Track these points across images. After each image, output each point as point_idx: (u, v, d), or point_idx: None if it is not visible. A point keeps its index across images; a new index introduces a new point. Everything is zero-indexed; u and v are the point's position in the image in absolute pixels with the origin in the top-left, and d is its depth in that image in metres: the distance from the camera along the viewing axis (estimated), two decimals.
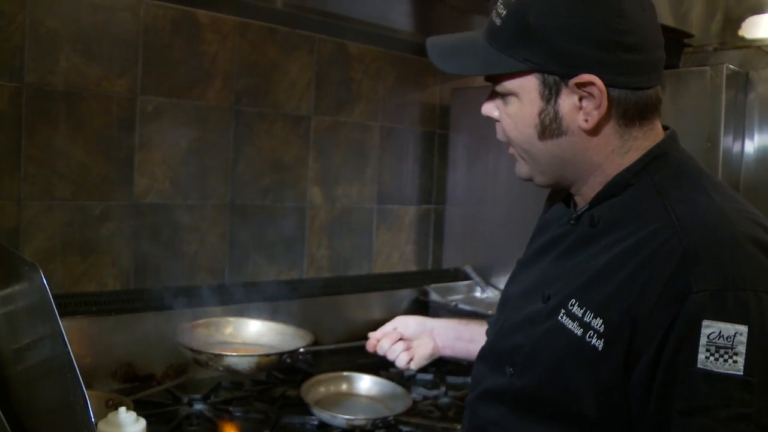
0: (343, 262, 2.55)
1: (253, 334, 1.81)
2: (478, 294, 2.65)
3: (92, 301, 1.88)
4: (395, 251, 2.72)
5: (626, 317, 0.87)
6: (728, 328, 0.80)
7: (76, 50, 1.86)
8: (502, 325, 1.15)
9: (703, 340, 0.81)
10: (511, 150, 1.06)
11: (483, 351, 1.18)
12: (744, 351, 0.80)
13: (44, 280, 0.88)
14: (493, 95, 1.04)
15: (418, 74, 2.71)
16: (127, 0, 1.94)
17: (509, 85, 0.98)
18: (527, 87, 0.97)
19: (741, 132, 2.00)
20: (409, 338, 1.44)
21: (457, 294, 2.61)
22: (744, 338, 0.80)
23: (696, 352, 0.81)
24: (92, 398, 1.56)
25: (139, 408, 1.61)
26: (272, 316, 2.13)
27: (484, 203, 2.66)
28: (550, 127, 0.97)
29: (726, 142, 1.94)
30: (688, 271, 0.83)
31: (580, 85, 0.93)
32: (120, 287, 1.99)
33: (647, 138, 0.99)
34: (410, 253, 2.78)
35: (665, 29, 2.10)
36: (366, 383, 1.83)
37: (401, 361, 1.42)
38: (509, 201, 2.52)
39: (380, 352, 1.44)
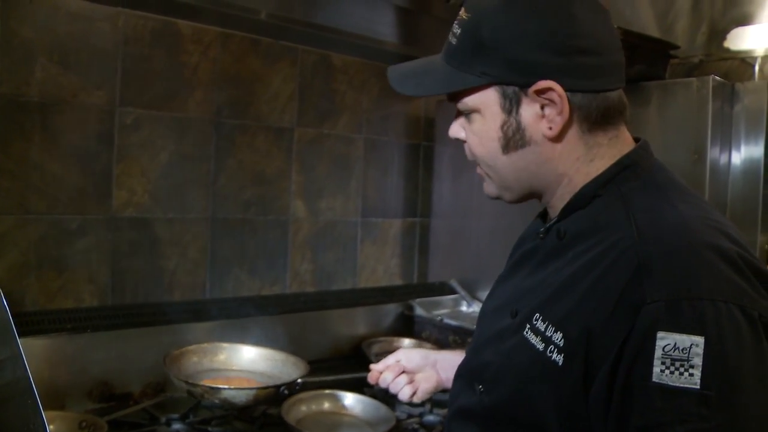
0: (327, 276, 2.51)
1: (246, 361, 1.76)
2: (464, 308, 2.61)
3: (68, 317, 1.83)
4: (380, 265, 2.68)
5: (583, 331, 0.85)
6: (684, 339, 0.77)
7: (53, 60, 1.82)
8: (475, 342, 1.13)
9: (658, 353, 0.78)
10: (479, 169, 1.06)
11: (459, 369, 1.16)
12: (700, 363, 0.76)
13: (4, 299, 0.84)
14: (459, 116, 1.04)
15: None
16: (106, 9, 1.90)
17: (470, 101, 0.99)
18: (487, 101, 0.97)
19: (728, 144, 1.98)
20: (412, 371, 1.40)
21: (442, 308, 2.58)
22: (700, 350, 0.76)
23: (651, 366, 0.78)
24: (65, 419, 1.53)
25: (115, 429, 1.57)
26: (255, 331, 2.09)
27: (470, 216, 2.63)
28: (513, 139, 0.97)
29: (713, 153, 1.93)
30: (643, 281, 0.81)
31: (540, 92, 0.93)
32: (97, 303, 1.94)
33: (613, 145, 0.97)
34: (395, 267, 2.74)
35: (651, 40, 2.09)
36: (349, 401, 1.79)
37: (404, 395, 1.37)
38: (495, 214, 2.50)
39: (383, 384, 1.40)
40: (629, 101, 1.00)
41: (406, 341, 2.40)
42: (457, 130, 1.05)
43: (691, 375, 0.76)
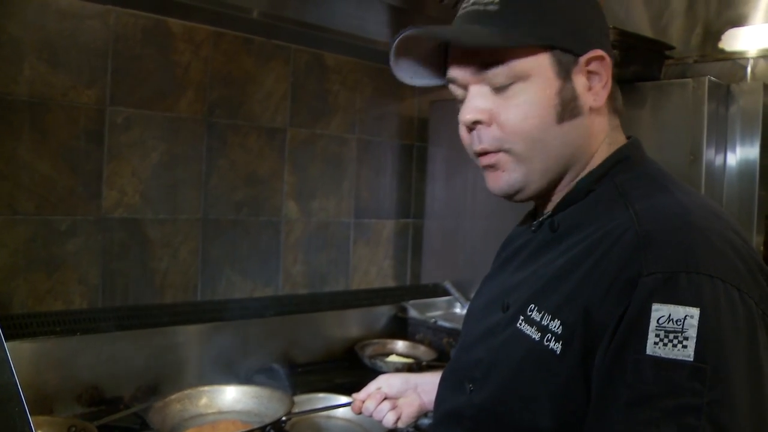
0: (320, 277, 2.49)
1: (229, 401, 1.72)
2: (457, 310, 2.60)
3: (57, 320, 1.81)
4: (373, 266, 2.66)
5: (581, 312, 0.82)
6: (678, 310, 0.74)
7: (42, 59, 1.79)
8: (463, 341, 1.10)
9: (652, 325, 0.75)
10: (487, 160, 0.95)
11: (444, 373, 1.13)
12: (695, 335, 0.73)
13: None
14: (475, 96, 0.93)
15: (395, 86, 2.66)
16: (96, 7, 1.88)
17: (521, 65, 0.89)
18: (541, 67, 0.89)
19: (723, 145, 1.98)
20: (394, 397, 1.38)
21: (436, 310, 2.56)
22: (695, 321, 0.73)
23: (645, 338, 0.75)
24: (54, 425, 1.50)
25: None
26: (247, 334, 2.07)
27: (463, 217, 2.61)
28: (569, 107, 0.91)
29: (708, 155, 1.92)
30: (641, 255, 0.79)
31: (590, 61, 0.91)
32: (87, 306, 1.91)
33: (617, 133, 0.97)
34: (388, 269, 2.73)
35: (646, 41, 2.08)
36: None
37: (388, 421, 1.34)
38: (489, 215, 2.48)
39: (366, 413, 1.37)
40: (624, 102, 0.99)
41: (400, 343, 2.38)
42: (476, 111, 0.92)
43: (685, 347, 0.73)
